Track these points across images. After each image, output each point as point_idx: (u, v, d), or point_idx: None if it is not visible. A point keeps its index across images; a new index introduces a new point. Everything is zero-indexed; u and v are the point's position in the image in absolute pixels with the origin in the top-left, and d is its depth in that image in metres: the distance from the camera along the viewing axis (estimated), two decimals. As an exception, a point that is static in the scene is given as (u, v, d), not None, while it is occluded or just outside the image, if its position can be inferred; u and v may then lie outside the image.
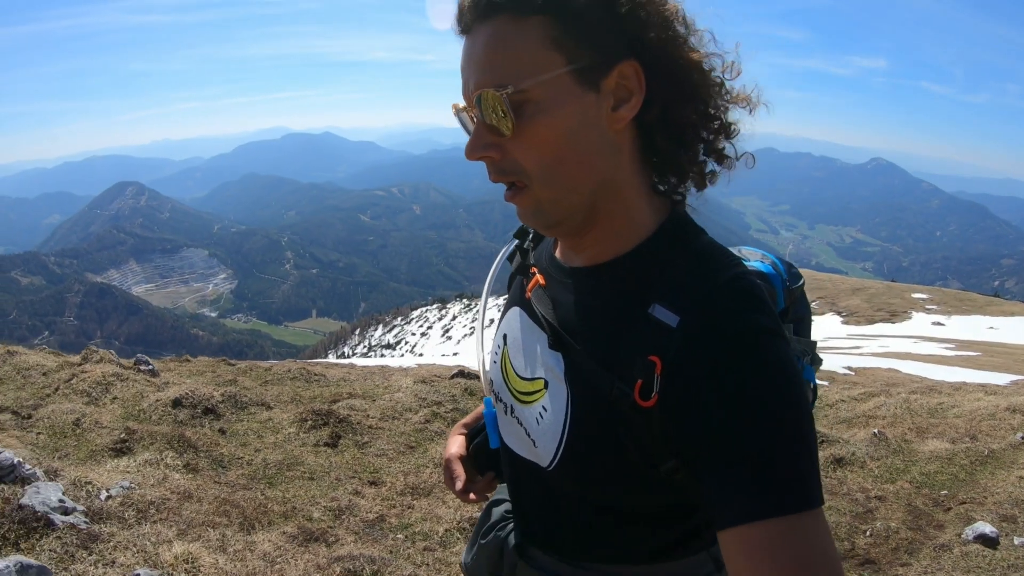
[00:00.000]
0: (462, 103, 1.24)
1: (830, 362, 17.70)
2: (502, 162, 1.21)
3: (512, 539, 1.57)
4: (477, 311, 1.62)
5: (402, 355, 75.49)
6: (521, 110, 1.13)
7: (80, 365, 8.16)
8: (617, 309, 1.22)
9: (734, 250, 1.46)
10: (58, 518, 3.68)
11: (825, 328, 44.38)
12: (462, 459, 1.74)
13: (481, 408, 1.75)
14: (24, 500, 3.69)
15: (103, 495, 4.29)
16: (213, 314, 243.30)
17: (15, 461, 4.01)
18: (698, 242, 1.24)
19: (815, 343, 1.53)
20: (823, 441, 7.29)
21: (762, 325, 1.09)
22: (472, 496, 1.66)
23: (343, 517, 5.30)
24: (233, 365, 10.26)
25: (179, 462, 5.48)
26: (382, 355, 78.61)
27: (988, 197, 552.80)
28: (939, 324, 42.30)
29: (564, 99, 1.13)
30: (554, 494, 1.38)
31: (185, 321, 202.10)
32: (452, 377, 9.65)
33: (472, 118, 1.23)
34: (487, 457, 1.69)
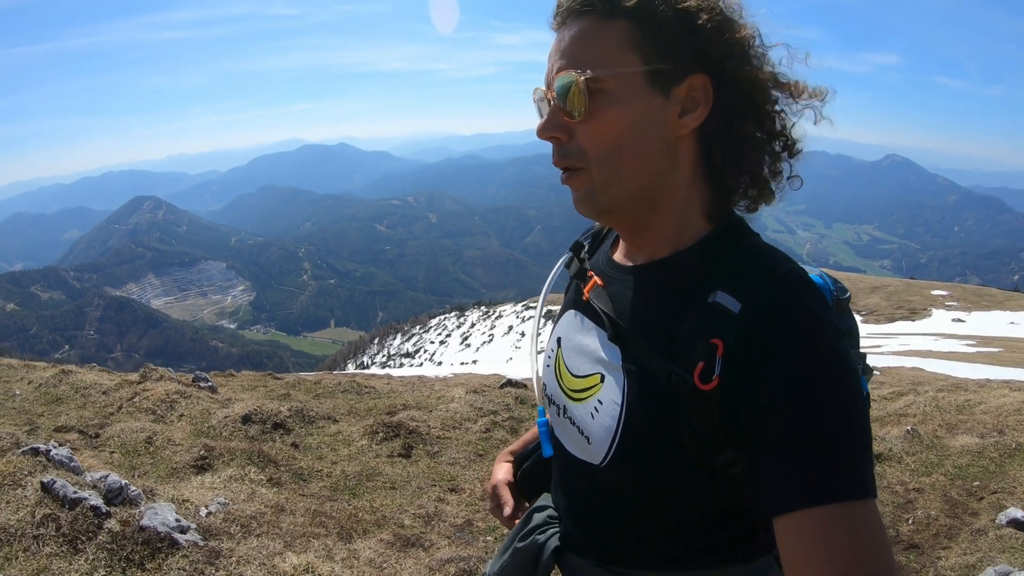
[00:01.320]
0: (543, 89, 1.32)
1: None
2: (568, 145, 1.28)
3: (551, 544, 1.55)
4: (532, 321, 1.59)
5: (420, 364, 75.44)
6: (595, 97, 1.21)
7: (140, 383, 8.24)
8: (676, 300, 1.24)
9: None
10: (179, 537, 3.79)
11: None
12: (509, 485, 1.77)
13: (527, 435, 1.84)
14: (144, 521, 3.77)
15: (203, 512, 4.41)
16: (232, 326, 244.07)
17: (122, 483, 4.11)
18: (754, 241, 1.28)
19: (865, 355, 1.48)
20: None
21: (821, 315, 1.12)
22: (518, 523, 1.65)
23: (433, 523, 5.44)
24: (280, 379, 10.38)
25: (262, 476, 5.59)
26: (401, 364, 78.38)
27: (1005, 191, 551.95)
28: (959, 321, 41.80)
29: (633, 95, 1.21)
30: (603, 495, 1.38)
31: (204, 333, 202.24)
32: (502, 387, 9.75)
33: (549, 101, 1.29)
34: (534, 483, 1.72)
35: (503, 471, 1.81)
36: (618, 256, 1.45)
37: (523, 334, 71.95)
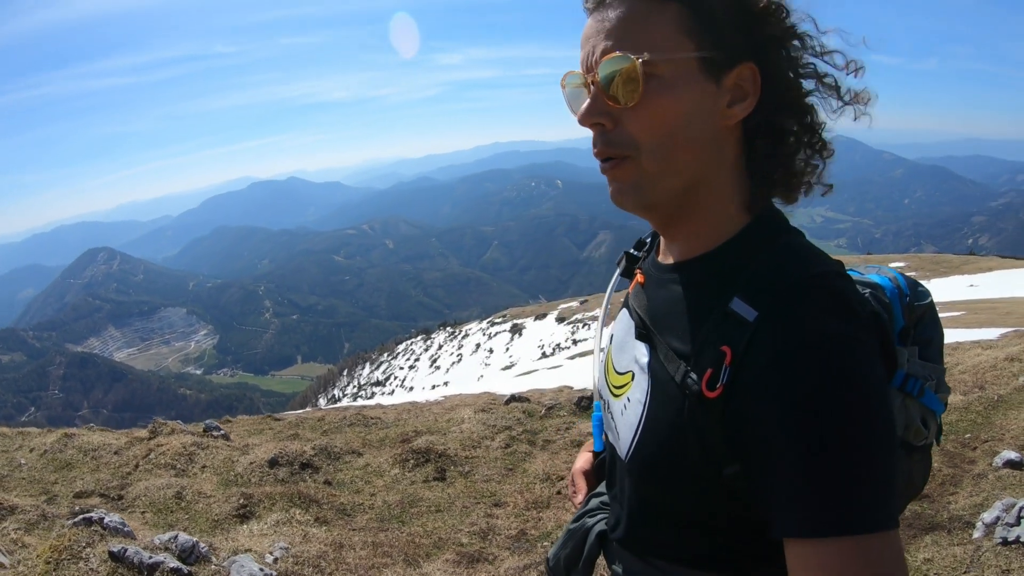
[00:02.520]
0: (579, 74, 1.28)
1: None
2: (613, 132, 1.22)
3: (597, 528, 1.61)
4: (598, 323, 1.57)
5: (392, 391, 75.42)
6: (647, 82, 1.16)
7: (151, 439, 8.18)
8: (700, 302, 1.23)
9: (860, 268, 1.47)
10: (270, 586, 3.85)
11: None
12: (585, 473, 1.81)
13: None
14: (235, 576, 3.85)
15: (269, 559, 4.47)
16: (198, 372, 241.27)
17: (194, 541, 4.16)
18: (787, 240, 1.23)
19: (943, 369, 1.42)
20: None
21: (836, 328, 1.07)
22: None
23: (489, 538, 5.54)
24: (280, 420, 10.37)
25: (308, 517, 5.65)
26: (372, 393, 78.32)
27: (951, 159, 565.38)
28: None
29: (688, 82, 1.17)
30: (631, 488, 1.39)
31: (171, 382, 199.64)
32: (507, 403, 9.84)
33: (589, 86, 1.23)
34: (609, 471, 1.68)
35: (582, 459, 1.85)
36: (659, 254, 1.43)
37: (491, 351, 72.11)
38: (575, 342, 61.69)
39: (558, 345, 63.54)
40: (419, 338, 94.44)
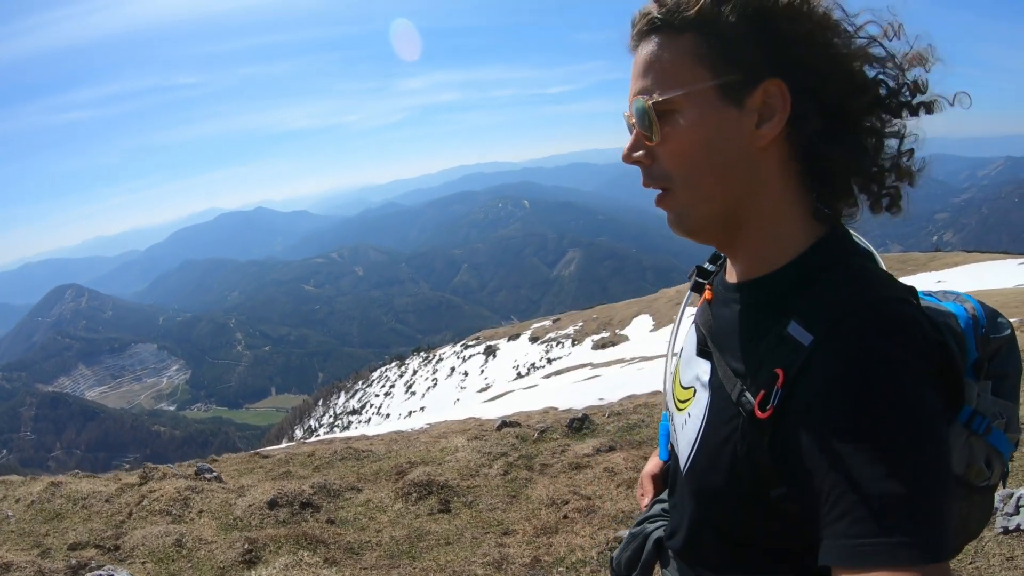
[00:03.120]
0: (627, 113, 1.31)
1: None
2: (652, 168, 1.27)
3: (655, 534, 1.65)
4: (671, 334, 1.60)
5: (368, 419, 75.38)
6: (667, 118, 1.21)
7: (143, 485, 8.01)
8: (758, 324, 1.24)
9: (936, 294, 1.43)
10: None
11: None
12: (654, 477, 1.86)
13: None
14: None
15: (284, 603, 4.44)
16: (171, 408, 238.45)
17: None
18: (852, 263, 1.21)
19: (1017, 407, 1.33)
20: None
21: (888, 355, 1.05)
22: None
23: (504, 567, 5.49)
24: (268, 457, 10.24)
25: (317, 558, 5.58)
26: (348, 422, 78.34)
27: None
28: None
29: (705, 111, 1.18)
30: (687, 499, 1.43)
31: (144, 419, 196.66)
32: (499, 429, 9.80)
33: (632, 125, 1.29)
34: (672, 480, 1.71)
35: (651, 464, 1.89)
36: (727, 272, 1.43)
37: (466, 373, 72.17)
38: (549, 361, 62.02)
39: (533, 365, 63.82)
40: (393, 364, 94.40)
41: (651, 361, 31.49)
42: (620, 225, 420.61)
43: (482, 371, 71.42)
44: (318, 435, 76.56)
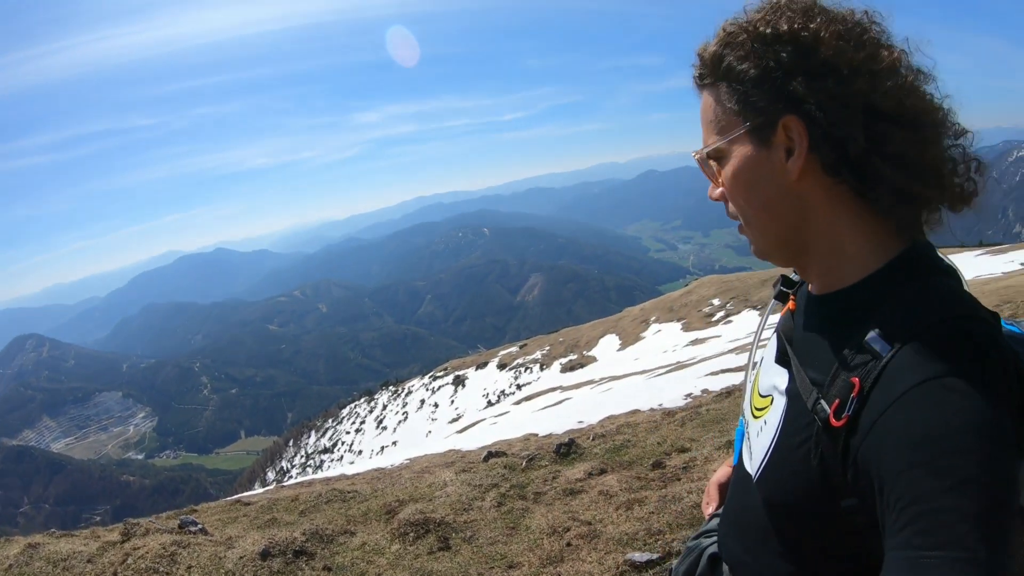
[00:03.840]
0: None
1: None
2: (727, 206, 1.40)
3: (710, 549, 1.69)
4: (753, 341, 1.79)
5: (340, 457, 75.02)
6: (721, 164, 1.35)
7: (126, 542, 7.73)
8: (837, 334, 1.25)
9: (1019, 323, 1.42)
10: None
11: (746, 324, 45.80)
12: (721, 486, 1.89)
13: None
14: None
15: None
16: (140, 456, 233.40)
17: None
18: (933, 281, 1.22)
19: None
20: None
21: (964, 373, 1.05)
22: None
23: (515, 600, 5.37)
24: (250, 504, 9.99)
25: (319, 607, 5.50)
26: (321, 461, 77.91)
27: None
28: None
29: (743, 155, 1.29)
30: (750, 510, 1.45)
31: (113, 470, 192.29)
32: (486, 460, 9.69)
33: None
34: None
35: (722, 472, 1.92)
36: (810, 283, 1.45)
37: (436, 405, 72.06)
38: (519, 387, 62.08)
39: (503, 392, 63.84)
40: (362, 400, 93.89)
41: (621, 380, 31.55)
42: (580, 247, 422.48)
43: (452, 401, 71.26)
44: (291, 476, 76.49)
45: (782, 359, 1.41)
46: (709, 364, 21.16)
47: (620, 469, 7.97)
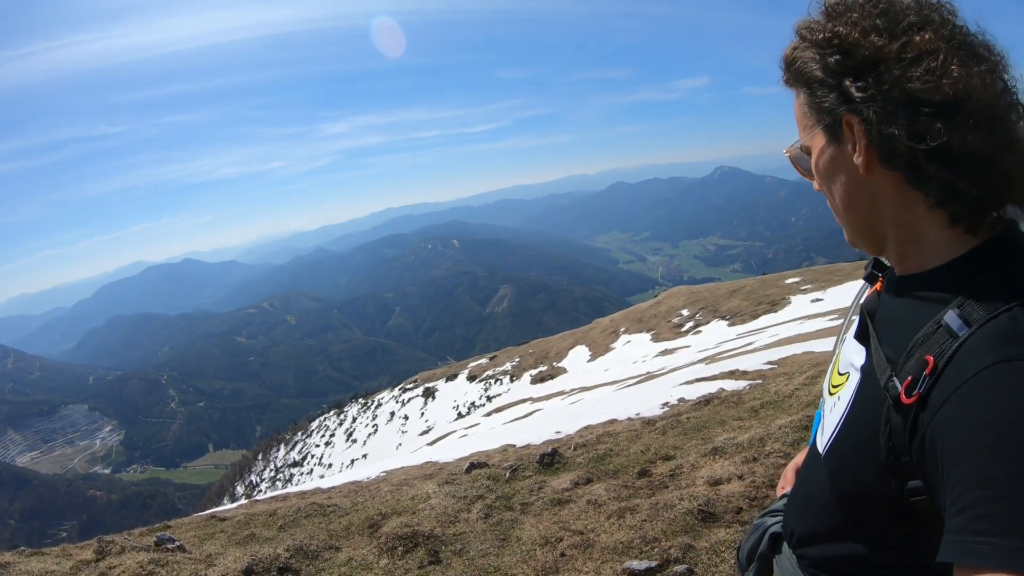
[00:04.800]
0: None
1: (749, 363, 18.53)
2: (828, 198, 1.45)
3: (773, 529, 1.71)
4: (844, 323, 1.75)
5: (310, 470, 74.81)
6: (813, 159, 1.41)
7: (101, 560, 7.43)
8: (916, 313, 1.26)
9: None
10: None
11: (715, 335, 46.21)
12: (798, 469, 1.83)
13: None
14: None
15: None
16: (107, 471, 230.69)
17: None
18: (1014, 268, 1.21)
19: None
20: None
21: None
22: None
23: (512, 615, 5.29)
24: (226, 520, 9.77)
25: (309, 624, 5.40)
26: (291, 475, 77.70)
27: None
28: (818, 300, 44.85)
29: (821, 151, 1.37)
30: (817, 486, 1.47)
31: (79, 484, 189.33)
32: (468, 471, 9.62)
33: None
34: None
35: (801, 455, 1.88)
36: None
37: (407, 417, 72.06)
38: (489, 398, 62.38)
39: (473, 404, 64.20)
40: (332, 413, 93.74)
41: (592, 391, 31.56)
42: (549, 259, 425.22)
43: (422, 414, 71.26)
44: (261, 491, 76.08)
45: (862, 336, 1.42)
46: (681, 374, 21.18)
47: (606, 478, 7.92)
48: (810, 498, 1.52)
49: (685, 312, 59.50)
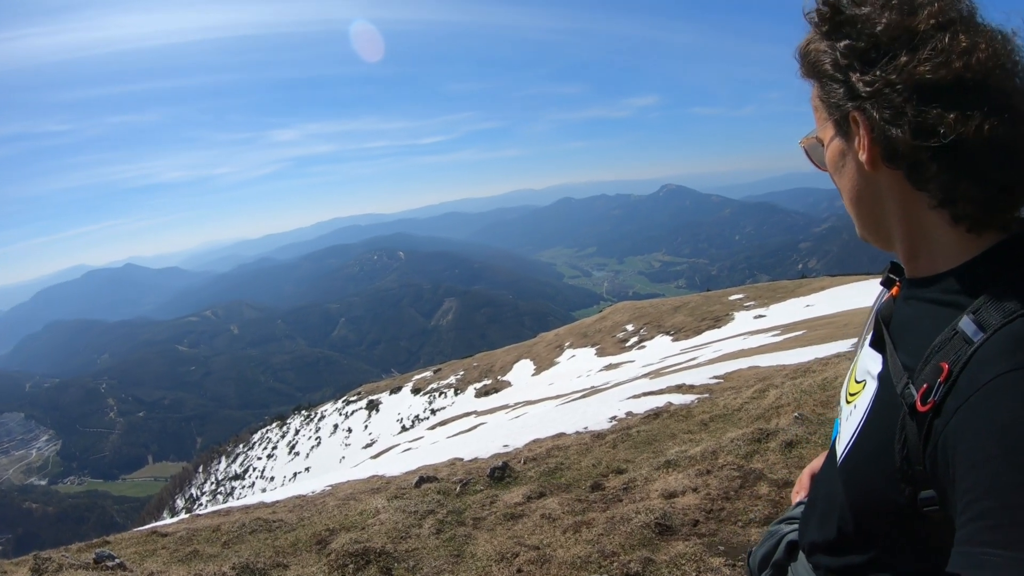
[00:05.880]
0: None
1: (695, 377, 18.78)
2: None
3: (789, 536, 1.71)
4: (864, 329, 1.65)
5: (252, 483, 74.26)
6: (825, 154, 1.40)
7: None
8: (932, 318, 1.24)
9: None
10: None
11: (659, 350, 46.75)
12: (814, 475, 1.84)
13: None
14: None
15: None
16: (43, 482, 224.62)
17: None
18: None
19: None
20: (769, 434, 8.07)
21: None
22: None
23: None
24: (167, 536, 9.43)
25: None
26: (232, 488, 77.05)
27: (774, 194, 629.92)
28: (761, 316, 45.94)
29: (832, 145, 1.36)
30: (832, 494, 1.45)
31: (14, 496, 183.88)
32: (418, 485, 9.47)
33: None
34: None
35: (816, 461, 1.89)
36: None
37: (350, 430, 71.94)
38: (433, 411, 62.54)
39: (417, 416, 64.35)
40: (274, 425, 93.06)
41: (536, 405, 31.61)
42: (495, 272, 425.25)
43: (366, 426, 71.14)
44: (201, 504, 75.26)
45: (877, 343, 1.40)
46: (628, 387, 21.26)
47: (559, 492, 7.86)
48: (826, 507, 1.49)
49: (630, 327, 60.02)
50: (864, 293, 37.38)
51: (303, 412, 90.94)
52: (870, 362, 1.41)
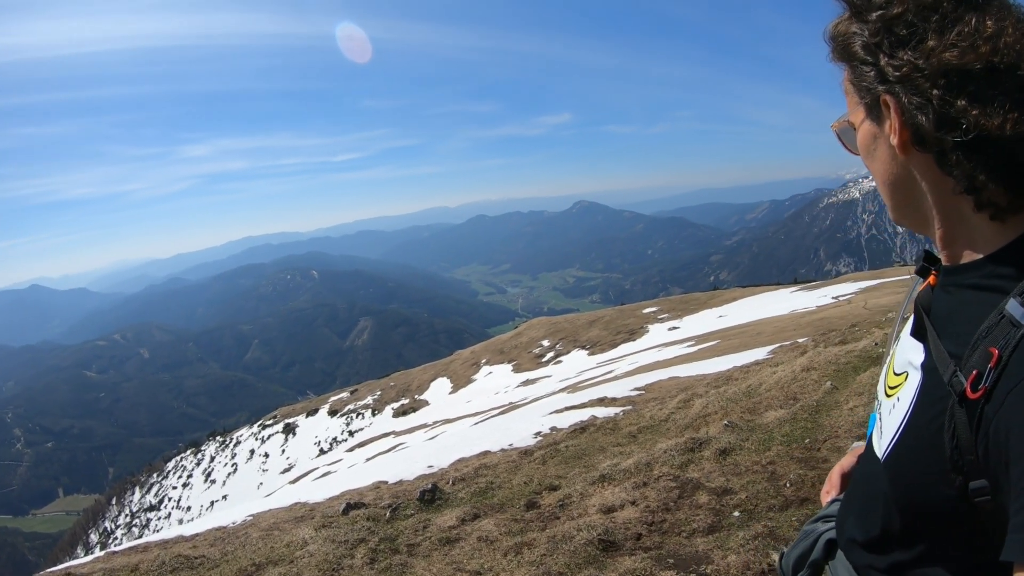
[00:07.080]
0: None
1: (616, 390, 18.92)
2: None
3: (827, 535, 1.67)
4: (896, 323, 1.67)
5: (168, 514, 73.05)
6: (857, 139, 1.38)
7: None
8: (977, 305, 1.22)
9: None
10: None
11: (576, 364, 47.18)
12: (844, 475, 1.85)
13: None
14: None
15: None
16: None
17: None
18: None
19: None
20: (702, 443, 8.16)
21: None
22: None
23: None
24: None
25: None
26: (147, 520, 75.52)
27: (686, 209, 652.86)
28: (675, 328, 46.87)
29: (864, 129, 1.34)
30: (875, 491, 1.42)
31: None
32: (345, 512, 9.05)
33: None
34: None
35: (846, 460, 1.88)
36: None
37: (267, 455, 71.31)
38: (351, 433, 62.33)
39: (335, 439, 64.02)
40: (188, 452, 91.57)
41: (455, 423, 31.50)
42: (410, 291, 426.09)
43: (283, 451, 70.52)
44: (116, 539, 73.67)
45: (919, 332, 1.37)
46: (548, 402, 21.27)
47: (493, 512, 7.66)
48: (868, 505, 1.46)
49: (546, 343, 60.39)
50: (775, 302, 38.13)
51: (218, 438, 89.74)
52: (911, 352, 1.38)
